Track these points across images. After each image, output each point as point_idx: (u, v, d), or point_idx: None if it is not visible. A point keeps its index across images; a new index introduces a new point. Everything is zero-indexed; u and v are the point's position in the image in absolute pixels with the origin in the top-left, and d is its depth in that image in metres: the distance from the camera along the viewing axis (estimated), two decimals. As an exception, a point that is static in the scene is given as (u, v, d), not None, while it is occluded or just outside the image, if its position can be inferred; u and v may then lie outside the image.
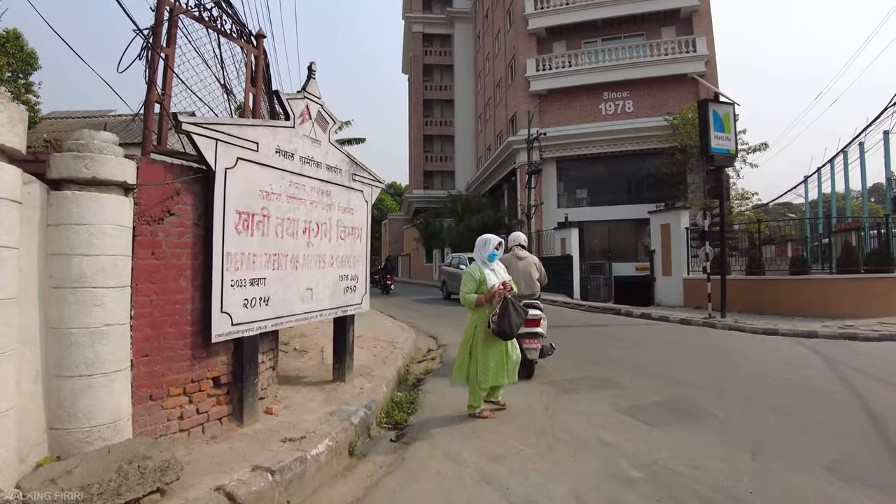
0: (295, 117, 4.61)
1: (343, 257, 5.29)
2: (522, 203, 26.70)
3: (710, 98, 11.90)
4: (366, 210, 5.66)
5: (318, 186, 4.88)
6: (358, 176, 5.47)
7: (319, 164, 4.88)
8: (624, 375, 6.46)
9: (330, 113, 5.07)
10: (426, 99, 47.88)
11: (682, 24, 26.56)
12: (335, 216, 5.12)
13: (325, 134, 4.99)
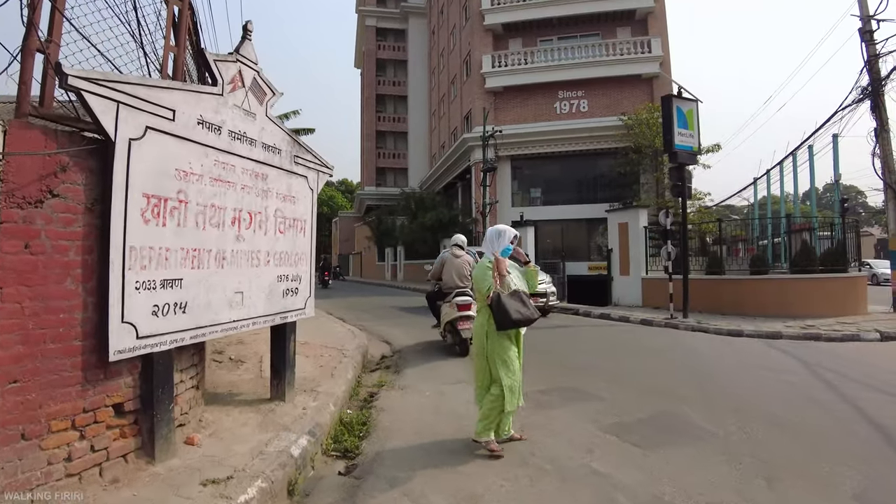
0: (224, 83, 3.78)
1: (282, 254, 4.48)
2: (477, 201, 26.22)
3: (674, 94, 11.58)
4: (311, 199, 4.85)
5: (252, 168, 4.06)
6: (301, 159, 4.66)
7: (254, 141, 4.06)
8: (598, 385, 5.90)
9: (268, 82, 4.26)
10: (379, 94, 46.86)
11: (638, 25, 26.67)
12: (273, 205, 4.31)
13: (261, 107, 4.18)
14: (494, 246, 4.11)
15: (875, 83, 13.53)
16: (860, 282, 12.57)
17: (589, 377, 6.30)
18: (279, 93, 4.38)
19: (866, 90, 13.85)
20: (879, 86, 13.48)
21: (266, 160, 4.19)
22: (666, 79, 25.66)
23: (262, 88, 4.18)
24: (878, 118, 13.65)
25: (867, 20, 13.71)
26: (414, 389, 5.74)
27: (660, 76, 25.55)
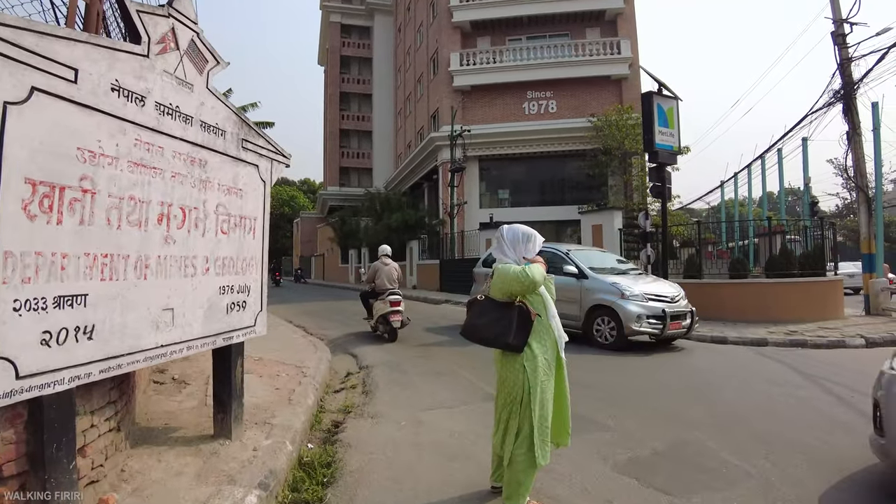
0: (151, 42, 2.94)
1: (225, 260, 3.63)
2: (445, 202, 25.52)
3: (655, 91, 11.11)
4: (262, 193, 4.00)
5: (187, 152, 3.23)
6: (251, 144, 3.83)
7: (189, 118, 3.23)
8: (598, 408, 5.22)
9: (210, 47, 3.43)
10: (343, 92, 45.73)
11: (607, 26, 26.47)
12: (213, 199, 3.47)
13: (200, 77, 3.34)
14: (523, 251, 3.23)
15: (848, 87, 13.41)
16: (838, 285, 12.40)
17: (583, 397, 5.62)
18: (224, 62, 3.55)
19: (838, 93, 13.73)
20: (852, 89, 13.38)
21: (205, 143, 3.36)
22: (635, 81, 25.56)
23: (202, 54, 3.34)
24: (851, 122, 13.54)
25: (840, 23, 13.59)
26: (387, 417, 4.94)
27: (627, 78, 25.42)
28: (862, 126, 13.69)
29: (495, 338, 3.04)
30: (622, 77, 25.51)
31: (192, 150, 3.25)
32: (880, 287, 13.10)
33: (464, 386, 6.11)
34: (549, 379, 3.10)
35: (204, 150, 3.35)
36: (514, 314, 3.01)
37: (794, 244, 14.49)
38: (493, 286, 3.16)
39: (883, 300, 13.06)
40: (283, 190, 67.39)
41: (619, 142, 22.81)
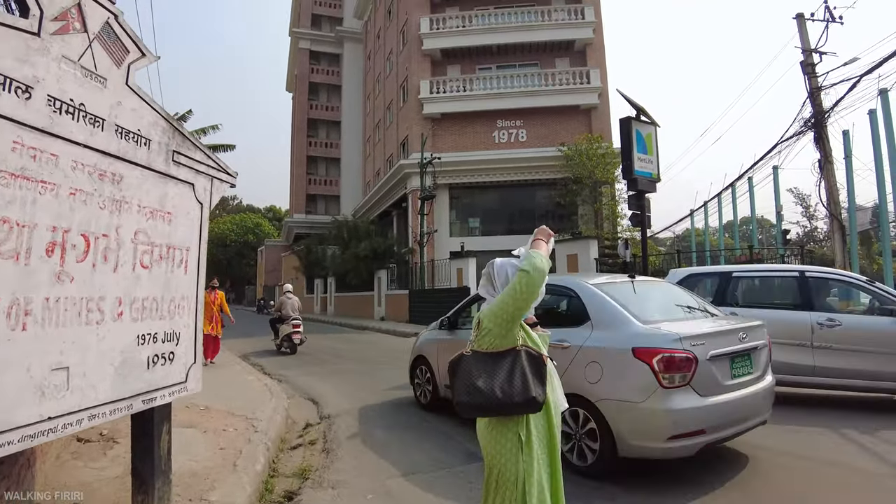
0: (44, 17, 2.25)
1: (146, 301, 2.88)
2: (414, 230, 24.91)
3: (633, 116, 10.81)
4: (198, 216, 3.26)
5: (95, 163, 2.51)
6: (186, 157, 3.12)
7: (99, 121, 2.52)
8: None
9: (134, 35, 2.74)
10: (311, 118, 45.12)
11: (577, 57, 26.67)
12: (131, 224, 2.74)
13: (118, 70, 2.65)
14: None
15: (819, 115, 13.45)
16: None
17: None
18: (152, 55, 2.86)
19: (809, 122, 13.78)
20: (823, 118, 13.42)
21: (121, 153, 2.64)
22: (605, 110, 25.74)
23: (120, 42, 2.66)
24: (823, 150, 13.56)
25: (809, 53, 13.71)
26: (350, 487, 4.12)
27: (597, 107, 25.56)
28: (833, 154, 13.73)
29: (514, 400, 2.18)
30: (592, 106, 25.63)
31: (102, 160, 2.53)
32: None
33: (440, 442, 5.32)
34: (543, 451, 2.38)
35: (119, 162, 2.63)
36: (523, 359, 2.24)
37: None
38: (481, 334, 2.43)
39: None
40: (247, 217, 65.87)
41: (590, 171, 22.75)
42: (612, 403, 4.10)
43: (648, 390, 3.92)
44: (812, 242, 45.60)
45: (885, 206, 13.53)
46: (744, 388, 4.27)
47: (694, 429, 3.89)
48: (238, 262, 61.38)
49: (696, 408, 3.90)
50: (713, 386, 4.05)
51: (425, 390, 6.74)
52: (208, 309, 10.33)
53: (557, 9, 26.55)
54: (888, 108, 11.86)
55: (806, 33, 13.81)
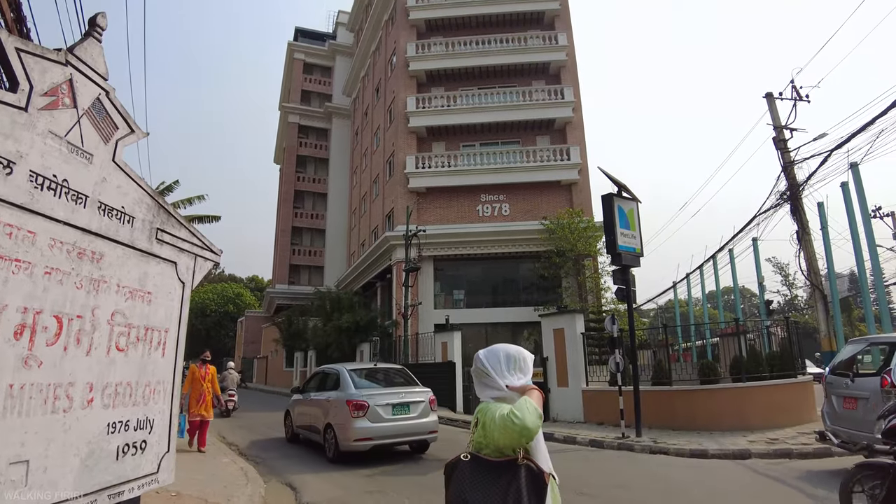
0: (33, 92, 2.22)
1: (121, 386, 2.70)
2: (398, 303, 24.68)
3: (615, 193, 11.06)
4: (179, 297, 3.13)
5: (74, 241, 2.41)
6: (169, 235, 3.03)
7: (82, 198, 2.45)
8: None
9: (124, 112, 2.72)
10: (298, 190, 45.71)
11: (557, 134, 27.64)
12: (109, 304, 2.61)
13: (105, 146, 2.61)
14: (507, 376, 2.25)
15: (793, 188, 13.90)
16: (809, 386, 12.03)
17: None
18: (142, 131, 2.84)
19: (785, 195, 14.21)
20: (798, 191, 13.85)
21: (103, 231, 2.56)
22: (585, 185, 26.43)
23: (109, 118, 2.63)
24: (800, 222, 13.93)
25: (780, 129, 14.35)
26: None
27: (577, 183, 26.26)
28: (810, 225, 14.09)
29: None
30: (572, 182, 26.29)
31: (83, 238, 2.44)
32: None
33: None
34: None
35: (100, 240, 2.54)
36: (522, 478, 2.00)
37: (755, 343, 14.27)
38: (477, 437, 2.26)
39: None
40: (228, 287, 65.12)
41: (572, 244, 23.03)
42: (339, 424, 8.91)
43: (348, 418, 8.67)
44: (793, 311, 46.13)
45: (864, 275, 13.75)
46: (401, 421, 8.99)
47: (365, 437, 8.58)
48: (217, 333, 60.09)
49: (367, 427, 8.62)
50: (378, 418, 8.76)
51: (289, 430, 11.48)
52: (198, 387, 9.67)
53: (538, 89, 27.76)
54: (859, 180, 12.28)
55: (776, 111, 14.51)
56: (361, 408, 8.60)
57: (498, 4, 29.61)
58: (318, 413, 9.89)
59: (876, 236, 12.80)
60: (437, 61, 29.11)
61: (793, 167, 13.79)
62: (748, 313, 32.61)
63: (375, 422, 8.63)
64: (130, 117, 2.76)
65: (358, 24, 43.89)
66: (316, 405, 10.05)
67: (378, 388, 9.51)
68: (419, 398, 9.30)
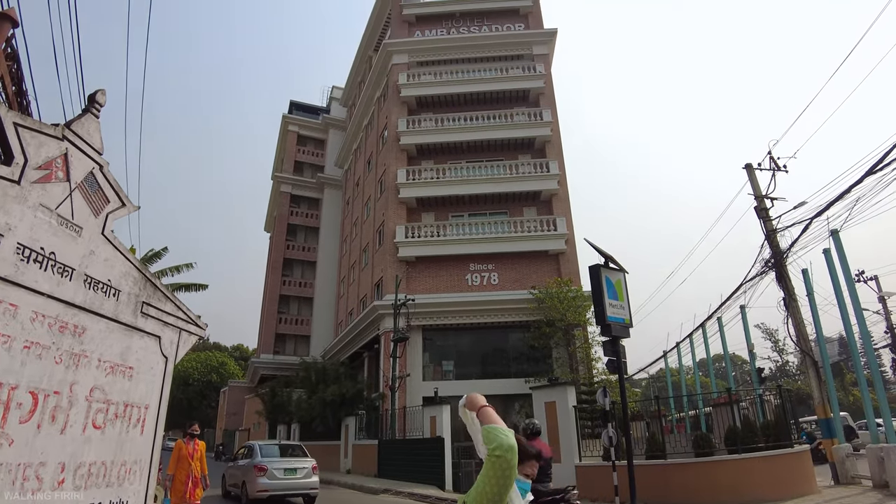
0: (27, 165, 2.25)
1: (94, 466, 2.58)
2: (386, 374, 24.20)
3: (602, 264, 11.17)
4: (161, 372, 3.05)
5: (57, 314, 2.37)
6: (155, 309, 2.99)
7: (69, 271, 2.43)
8: None
9: (116, 185, 2.76)
10: (287, 258, 45.75)
11: (543, 206, 28.23)
12: (88, 379, 2.53)
13: (95, 220, 2.62)
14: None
15: (777, 256, 14.11)
16: (805, 455, 11.74)
17: None
18: (132, 205, 2.87)
19: (769, 263, 14.40)
20: (782, 258, 14.05)
21: (87, 304, 2.52)
22: (572, 255, 26.74)
23: (101, 192, 2.66)
24: (786, 288, 14.04)
25: (760, 199, 14.74)
26: None
27: (564, 252, 26.58)
28: (797, 291, 14.19)
29: None
30: (560, 252, 26.60)
31: (66, 312, 2.40)
32: (845, 453, 12.57)
33: None
34: None
35: (83, 314, 2.50)
36: None
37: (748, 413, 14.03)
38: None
39: (850, 468, 12.47)
40: (212, 355, 63.73)
41: (562, 313, 23.01)
42: (249, 481, 12.87)
43: (254, 477, 12.60)
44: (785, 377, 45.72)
45: (853, 340, 13.76)
46: (290, 480, 12.89)
47: (264, 489, 12.48)
48: (199, 403, 58.25)
49: (265, 482, 12.51)
50: (274, 477, 12.62)
51: (223, 488, 15.46)
52: (184, 465, 8.08)
53: (524, 163, 28.59)
54: (840, 246, 12.51)
55: (756, 181, 14.96)
56: (263, 470, 12.58)
57: (485, 83, 30.99)
58: (239, 474, 13.89)
59: (862, 300, 12.92)
60: (426, 136, 30.06)
61: (775, 235, 14.08)
62: (740, 381, 32.28)
63: (272, 479, 12.56)
64: (122, 191, 2.80)
65: (351, 100, 45.55)
66: (239, 468, 14.07)
67: (276, 457, 13.34)
68: (305, 465, 13.32)
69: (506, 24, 33.72)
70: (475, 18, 34.24)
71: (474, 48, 32.40)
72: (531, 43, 32.16)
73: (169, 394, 3.15)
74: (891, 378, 46.47)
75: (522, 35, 32.54)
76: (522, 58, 32.03)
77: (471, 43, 32.48)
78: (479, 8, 34.11)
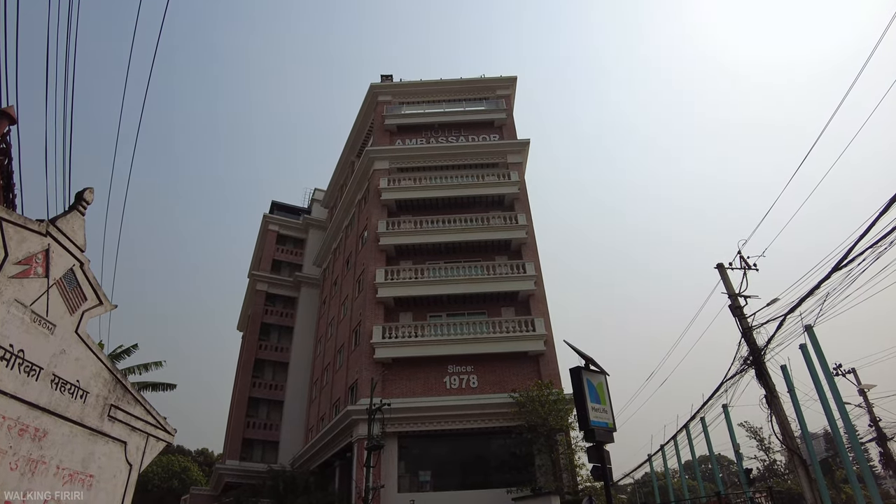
0: (7, 260, 2.21)
1: None
2: (359, 485, 22.78)
3: (582, 367, 11.07)
4: (124, 481, 2.85)
5: (18, 416, 2.25)
6: (123, 413, 2.86)
7: (36, 369, 2.33)
8: None
9: (96, 284, 2.72)
10: (259, 358, 44.36)
11: (521, 306, 28.35)
12: (43, 488, 2.34)
13: (70, 318, 2.56)
14: None
15: (755, 353, 14.16)
16: None
17: None
18: (109, 303, 2.81)
19: (748, 360, 14.42)
20: (760, 355, 14.09)
21: (53, 406, 2.40)
22: (551, 357, 26.48)
23: (80, 289, 2.62)
24: (766, 385, 13.99)
25: (734, 297, 15.01)
26: None
27: (544, 354, 26.34)
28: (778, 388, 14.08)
29: None
30: (539, 353, 26.36)
31: (28, 414, 2.27)
32: None
33: None
34: None
35: (46, 416, 2.37)
36: None
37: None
38: None
39: None
40: (175, 460, 59.69)
41: (543, 418, 22.37)
42: None
43: None
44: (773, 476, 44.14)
45: (839, 436, 13.50)
46: None
47: None
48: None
49: None
50: None
51: None
52: None
53: (501, 264, 29.07)
54: (816, 341, 12.62)
55: (728, 280, 15.33)
56: None
57: (462, 189, 32.16)
58: None
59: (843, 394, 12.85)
60: (406, 237, 30.64)
61: (752, 332, 14.24)
62: (727, 482, 31.13)
63: None
64: (101, 289, 2.75)
65: (332, 202, 46.63)
66: None
67: None
68: None
69: (482, 134, 35.69)
70: (453, 129, 36.27)
71: (452, 156, 34.00)
72: (506, 152, 33.93)
73: (148, 486, 2.90)
74: (880, 472, 45.34)
75: (497, 145, 34.38)
76: (497, 165, 33.60)
77: (449, 151, 34.13)
78: (457, 120, 36.29)
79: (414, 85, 38.56)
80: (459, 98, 37.85)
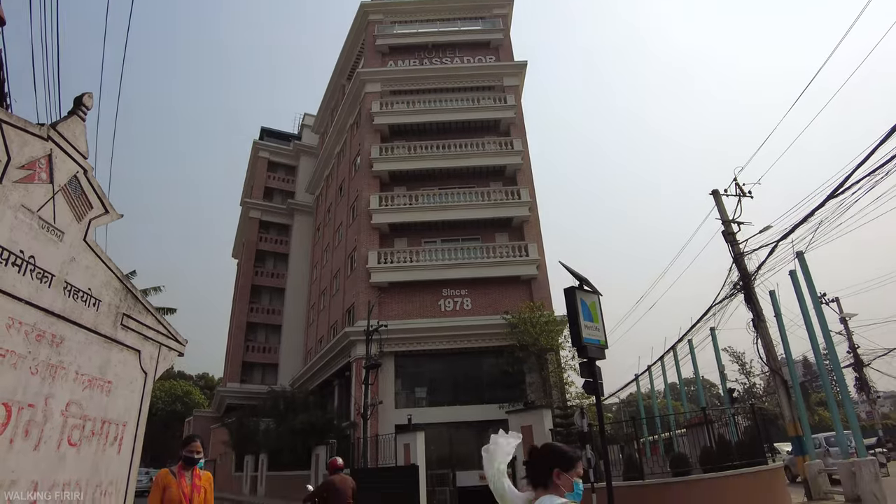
0: (10, 164, 2.15)
1: (68, 486, 2.42)
2: (357, 402, 23.73)
3: (576, 286, 11.26)
4: (140, 388, 2.91)
5: (35, 322, 2.25)
6: (135, 322, 2.87)
7: (48, 277, 2.32)
8: None
9: (101, 192, 2.66)
10: (255, 285, 44.90)
11: (515, 232, 28.52)
12: (64, 393, 2.40)
13: (77, 225, 2.52)
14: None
15: (745, 278, 14.47)
16: (780, 472, 11.91)
17: None
18: (116, 213, 2.77)
19: (738, 285, 14.74)
20: (750, 280, 14.41)
21: (66, 313, 2.41)
22: (543, 281, 26.94)
23: (85, 197, 2.57)
24: (754, 310, 14.38)
25: (728, 223, 15.15)
26: None
27: (536, 278, 26.78)
28: (765, 313, 14.52)
29: None
30: (531, 277, 26.79)
31: (44, 320, 2.28)
32: (817, 470, 12.77)
33: None
34: None
35: (62, 323, 2.38)
36: None
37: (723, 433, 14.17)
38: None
39: (822, 483, 12.66)
40: (177, 384, 61.72)
41: (535, 338, 23.05)
42: None
43: None
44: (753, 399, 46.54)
45: (820, 360, 14.07)
46: None
47: None
48: (163, 434, 56.07)
49: None
50: None
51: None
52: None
53: (495, 190, 28.89)
54: (806, 268, 12.90)
55: (723, 206, 15.42)
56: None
57: (457, 113, 31.37)
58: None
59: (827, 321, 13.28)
60: (399, 163, 30.21)
61: (743, 258, 14.47)
62: (710, 404, 32.75)
63: None
64: (106, 197, 2.70)
65: (323, 127, 45.58)
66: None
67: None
68: None
69: (477, 56, 34.42)
70: (447, 50, 34.90)
71: (446, 79, 32.91)
72: (502, 74, 32.86)
73: (148, 412, 3.00)
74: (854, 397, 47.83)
75: (493, 67, 33.25)
76: (493, 89, 32.64)
77: (443, 74, 33.02)
78: (451, 40, 34.81)
79: (407, 3, 36.71)
80: (454, 17, 36.16)
